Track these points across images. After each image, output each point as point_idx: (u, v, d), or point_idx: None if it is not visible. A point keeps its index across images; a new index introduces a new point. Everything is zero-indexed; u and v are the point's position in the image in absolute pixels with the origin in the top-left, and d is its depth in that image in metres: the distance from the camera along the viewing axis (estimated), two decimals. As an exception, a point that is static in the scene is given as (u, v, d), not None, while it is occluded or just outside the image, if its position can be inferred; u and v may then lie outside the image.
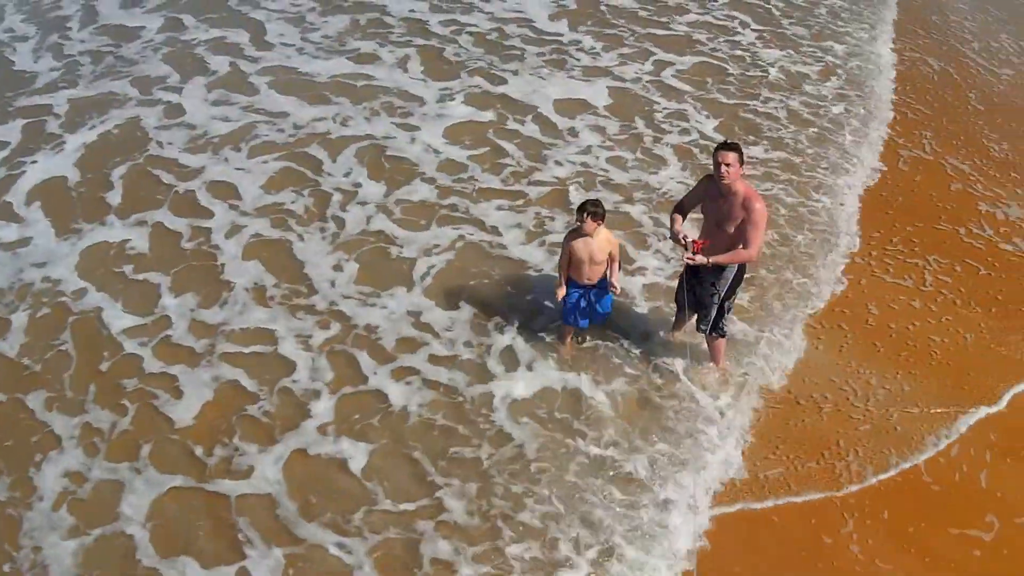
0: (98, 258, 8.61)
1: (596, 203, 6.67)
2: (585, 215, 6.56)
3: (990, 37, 14.73)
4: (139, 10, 14.03)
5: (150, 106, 11.17)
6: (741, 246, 6.19)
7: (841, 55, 13.07)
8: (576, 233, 6.75)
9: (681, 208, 6.65)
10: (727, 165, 5.94)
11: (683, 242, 6.28)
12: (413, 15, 13.69)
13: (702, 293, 6.62)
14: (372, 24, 13.43)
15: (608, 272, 6.87)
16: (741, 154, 6.02)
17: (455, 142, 10.39)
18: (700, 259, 6.18)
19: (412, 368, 7.30)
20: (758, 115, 11.20)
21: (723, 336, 6.92)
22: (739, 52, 12.92)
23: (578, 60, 12.45)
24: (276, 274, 8.33)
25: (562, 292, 6.94)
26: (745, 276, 6.80)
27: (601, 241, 6.71)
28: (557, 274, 7.05)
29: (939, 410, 6.94)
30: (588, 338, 7.51)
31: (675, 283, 7.20)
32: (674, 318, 7.43)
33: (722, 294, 6.56)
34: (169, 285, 8.22)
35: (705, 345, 7.11)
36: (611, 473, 6.40)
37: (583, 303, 7.04)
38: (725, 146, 6.04)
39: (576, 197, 9.07)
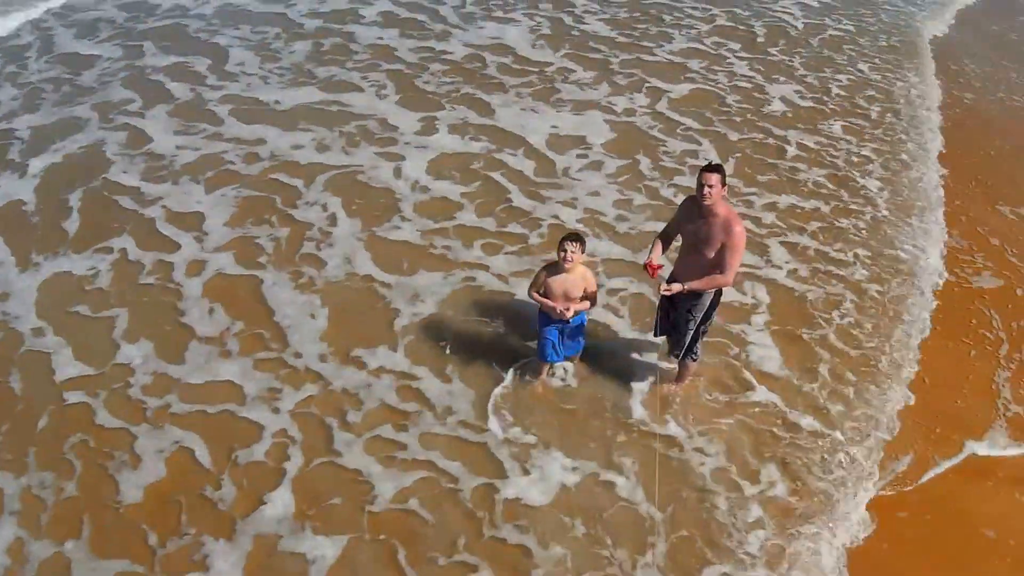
0: (56, 291, 7.92)
1: (577, 236, 6.32)
2: (568, 249, 6.17)
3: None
4: (92, 40, 13.74)
5: (112, 131, 10.74)
6: (717, 271, 6.08)
7: (844, 84, 12.84)
8: (554, 268, 6.38)
9: (667, 236, 6.54)
10: (710, 187, 5.89)
11: (648, 270, 6.19)
12: (381, 42, 13.33)
13: (677, 318, 6.56)
14: (339, 51, 13.05)
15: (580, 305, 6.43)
16: (724, 176, 5.98)
17: (441, 176, 9.75)
18: (676, 287, 6.11)
19: (397, 442, 6.37)
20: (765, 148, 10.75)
21: (695, 360, 6.80)
22: (737, 82, 12.58)
23: (566, 89, 12.01)
24: (244, 320, 7.54)
25: (554, 305, 6.31)
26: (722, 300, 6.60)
27: (577, 278, 6.37)
28: (537, 302, 6.43)
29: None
30: (565, 371, 6.97)
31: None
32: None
33: (698, 320, 6.47)
34: (127, 328, 7.44)
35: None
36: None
37: (559, 340, 6.71)
38: (709, 168, 6.01)
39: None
